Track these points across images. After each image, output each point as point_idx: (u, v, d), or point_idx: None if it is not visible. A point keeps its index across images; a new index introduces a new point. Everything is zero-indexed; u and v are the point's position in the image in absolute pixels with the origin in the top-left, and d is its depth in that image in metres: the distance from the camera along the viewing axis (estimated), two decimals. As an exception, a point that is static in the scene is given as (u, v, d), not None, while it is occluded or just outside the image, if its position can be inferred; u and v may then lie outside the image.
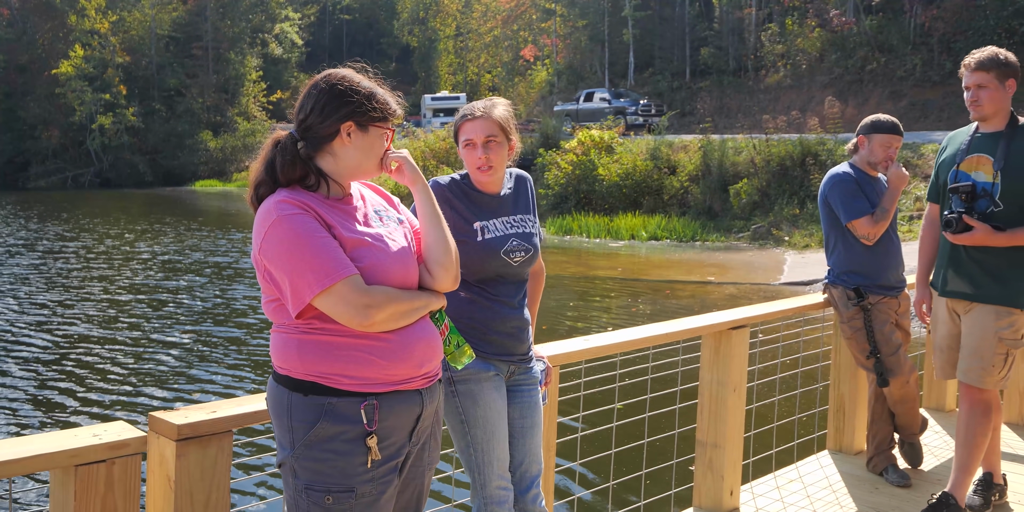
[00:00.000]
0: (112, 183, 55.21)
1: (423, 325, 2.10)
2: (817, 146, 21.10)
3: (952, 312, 3.59)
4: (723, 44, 40.16)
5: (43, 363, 9.69)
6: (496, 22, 58.80)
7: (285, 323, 2.02)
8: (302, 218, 1.95)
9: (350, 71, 2.12)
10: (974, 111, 3.44)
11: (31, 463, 1.86)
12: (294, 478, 1.99)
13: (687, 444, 3.89)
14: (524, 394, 2.70)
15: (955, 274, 3.52)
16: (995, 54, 3.38)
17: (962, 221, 3.34)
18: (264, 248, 1.97)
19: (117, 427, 2.05)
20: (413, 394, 2.07)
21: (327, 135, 2.05)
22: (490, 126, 2.58)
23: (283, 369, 2.03)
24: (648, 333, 3.39)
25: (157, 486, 2.10)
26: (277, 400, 2.03)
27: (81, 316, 12.46)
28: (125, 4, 60.53)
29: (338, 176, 2.09)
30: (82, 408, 8.01)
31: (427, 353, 2.09)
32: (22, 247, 21.31)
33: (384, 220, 2.16)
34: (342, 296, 1.92)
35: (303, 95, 2.09)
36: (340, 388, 1.98)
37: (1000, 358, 3.43)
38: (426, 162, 31.18)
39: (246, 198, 2.10)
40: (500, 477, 2.55)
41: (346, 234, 2.01)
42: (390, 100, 2.12)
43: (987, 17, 27.63)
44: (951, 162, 3.53)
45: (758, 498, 3.90)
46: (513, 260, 2.61)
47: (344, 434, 1.97)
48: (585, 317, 12.27)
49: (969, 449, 3.49)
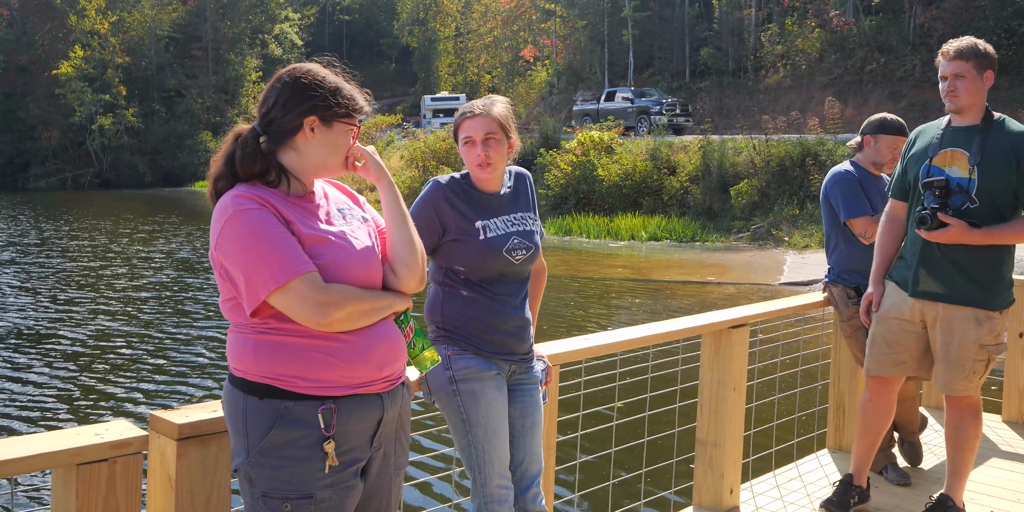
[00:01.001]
0: (112, 184, 55.22)
1: (385, 326, 2.03)
2: (817, 146, 21.12)
3: (919, 313, 3.40)
4: (723, 45, 40.16)
5: (44, 362, 9.69)
6: (496, 23, 58.80)
7: (242, 323, 1.95)
8: (259, 213, 1.89)
9: (316, 65, 2.04)
10: (950, 102, 3.28)
11: (33, 462, 1.86)
12: (250, 486, 1.93)
13: (687, 443, 3.90)
14: (525, 393, 2.70)
15: (928, 274, 3.34)
16: (974, 44, 3.23)
17: (937, 218, 3.18)
18: (220, 244, 1.90)
19: (119, 426, 2.05)
20: (373, 398, 2.00)
21: (290, 129, 1.98)
22: (489, 123, 2.59)
23: (239, 371, 1.96)
24: (648, 332, 3.39)
25: (158, 485, 2.10)
26: (232, 403, 1.96)
27: (82, 316, 12.47)
28: (125, 5, 60.56)
29: (300, 173, 2.02)
30: (84, 407, 8.02)
31: (388, 355, 2.02)
32: (23, 247, 21.31)
33: (348, 218, 2.08)
34: (298, 293, 1.85)
35: (267, 88, 2.02)
36: (297, 391, 1.91)
37: (981, 365, 3.32)
38: (426, 162, 31.21)
39: (206, 193, 2.03)
40: (501, 476, 2.56)
41: (305, 231, 1.94)
42: (357, 96, 2.04)
43: (986, 17, 27.65)
44: (922, 156, 3.36)
45: (758, 497, 3.91)
46: (515, 258, 2.62)
47: (301, 440, 1.90)
48: (585, 317, 12.27)
49: (962, 453, 3.44)
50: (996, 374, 6.57)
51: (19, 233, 25.03)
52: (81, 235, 24.75)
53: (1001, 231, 3.18)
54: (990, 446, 4.58)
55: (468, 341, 2.60)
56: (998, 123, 3.27)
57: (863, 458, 3.66)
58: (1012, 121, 3.30)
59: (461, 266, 2.59)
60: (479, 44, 61.11)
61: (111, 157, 56.41)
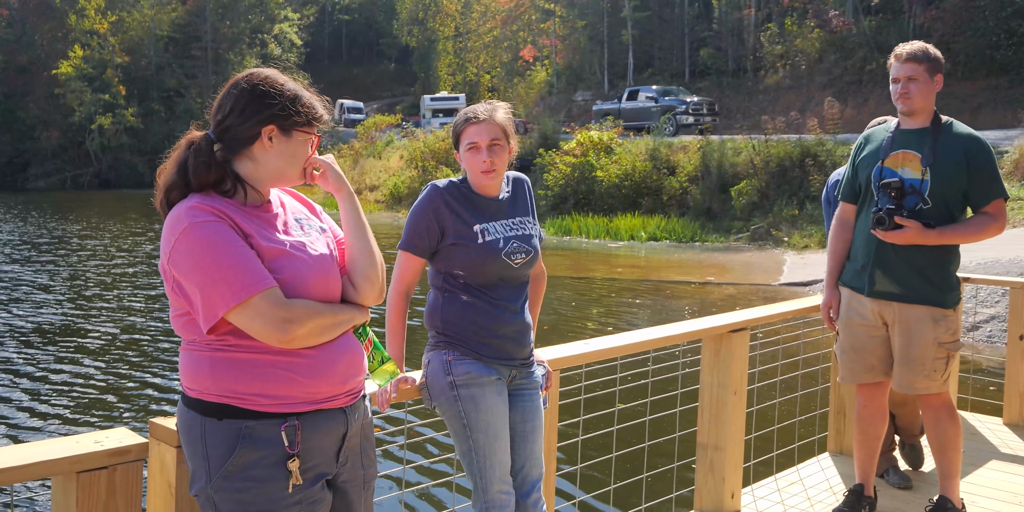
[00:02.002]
0: (111, 184, 55.18)
1: (346, 340, 1.98)
2: (816, 147, 21.13)
3: (878, 315, 3.44)
4: (722, 45, 40.17)
5: (44, 369, 9.67)
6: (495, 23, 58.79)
7: (196, 340, 1.89)
8: (216, 226, 1.81)
9: (275, 71, 1.99)
10: (903, 104, 3.33)
11: (33, 470, 1.86)
12: (214, 509, 1.88)
13: (688, 447, 3.89)
14: (525, 398, 2.70)
15: (883, 274, 3.39)
16: (925, 48, 3.33)
17: (893, 219, 3.23)
18: (173, 258, 1.82)
19: (119, 433, 2.05)
20: (337, 412, 1.97)
21: (246, 138, 1.91)
22: (494, 129, 2.59)
23: (193, 391, 1.89)
24: (648, 336, 3.39)
25: (158, 492, 2.10)
26: (188, 426, 1.89)
27: (82, 322, 12.45)
28: (124, 5, 60.52)
29: (257, 182, 1.95)
30: (84, 414, 8.00)
31: (351, 369, 1.98)
32: (23, 248, 21.29)
33: (305, 228, 2.02)
34: (259, 310, 1.79)
35: (223, 94, 1.95)
36: (258, 410, 1.85)
37: (941, 363, 3.36)
38: (425, 162, 31.20)
39: (155, 202, 1.94)
40: (502, 481, 2.56)
41: (264, 243, 1.87)
42: (316, 104, 1.98)
43: (986, 18, 27.65)
44: (873, 158, 3.40)
45: (759, 501, 3.90)
46: (514, 262, 2.61)
47: (264, 459, 1.85)
48: (585, 317, 12.27)
49: (946, 453, 3.48)
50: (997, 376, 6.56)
51: (20, 234, 25.01)
52: (83, 237, 24.74)
53: (954, 231, 3.28)
54: (991, 449, 4.58)
55: (468, 346, 2.60)
56: (947, 125, 3.35)
57: (867, 466, 3.67)
58: (959, 124, 3.38)
59: (460, 270, 2.59)
60: (478, 44, 61.10)
61: (110, 157, 56.36)
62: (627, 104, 30.60)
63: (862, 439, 3.64)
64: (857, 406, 3.65)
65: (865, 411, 3.62)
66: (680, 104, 28.47)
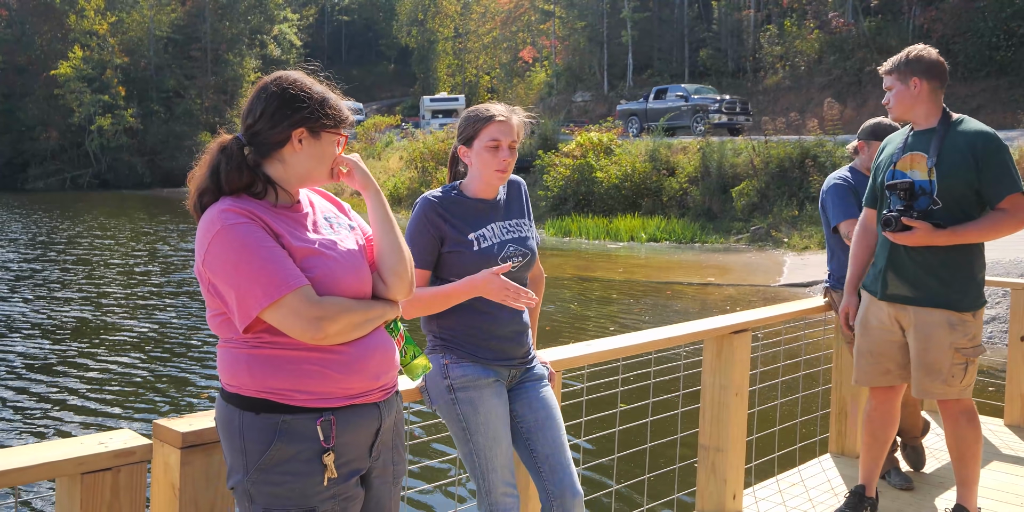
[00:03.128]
0: (111, 184, 55.18)
1: (378, 336, 2.02)
2: (816, 148, 21.14)
3: (894, 319, 3.42)
4: (722, 46, 40.21)
5: (48, 371, 9.66)
6: (495, 23, 58.83)
7: (233, 338, 1.92)
8: (248, 227, 1.85)
9: (302, 74, 2.01)
10: (889, 112, 3.44)
11: (37, 471, 1.86)
12: (250, 503, 1.90)
13: (690, 448, 3.90)
14: (529, 389, 2.69)
15: (896, 277, 3.37)
16: (901, 56, 3.37)
17: (900, 221, 3.21)
18: (208, 260, 1.86)
19: (123, 435, 2.04)
20: (371, 408, 2.00)
21: (277, 142, 1.94)
22: (516, 130, 2.60)
23: (232, 387, 1.93)
24: (650, 338, 3.39)
25: (162, 494, 2.10)
26: (227, 420, 1.93)
27: (86, 323, 12.45)
28: (124, 5, 60.55)
29: (287, 183, 1.98)
30: (88, 416, 7.99)
31: (383, 365, 2.01)
32: (24, 249, 21.29)
33: (335, 227, 2.06)
34: (292, 308, 1.82)
35: (252, 98, 1.97)
36: (294, 405, 1.89)
37: (959, 368, 3.30)
38: (425, 163, 31.20)
39: (188, 205, 1.98)
40: (506, 483, 2.55)
41: (295, 243, 1.91)
42: (342, 106, 2.02)
43: (985, 18, 27.67)
44: (888, 162, 3.43)
45: (761, 502, 3.90)
46: (511, 266, 2.61)
47: (301, 454, 1.89)
48: (586, 318, 12.27)
49: (965, 461, 3.42)
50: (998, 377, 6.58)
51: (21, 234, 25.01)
52: (84, 238, 24.74)
53: (966, 230, 3.20)
54: (992, 450, 4.58)
55: (465, 349, 2.60)
56: (956, 124, 3.32)
57: (871, 468, 3.65)
58: (971, 121, 3.34)
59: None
60: (478, 45, 61.15)
61: (110, 158, 56.37)
62: (654, 103, 29.06)
63: (870, 442, 3.61)
64: (867, 408, 3.62)
65: (875, 413, 3.58)
66: (712, 102, 27.05)
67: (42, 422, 7.80)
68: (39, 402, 8.39)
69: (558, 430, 2.66)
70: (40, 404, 8.32)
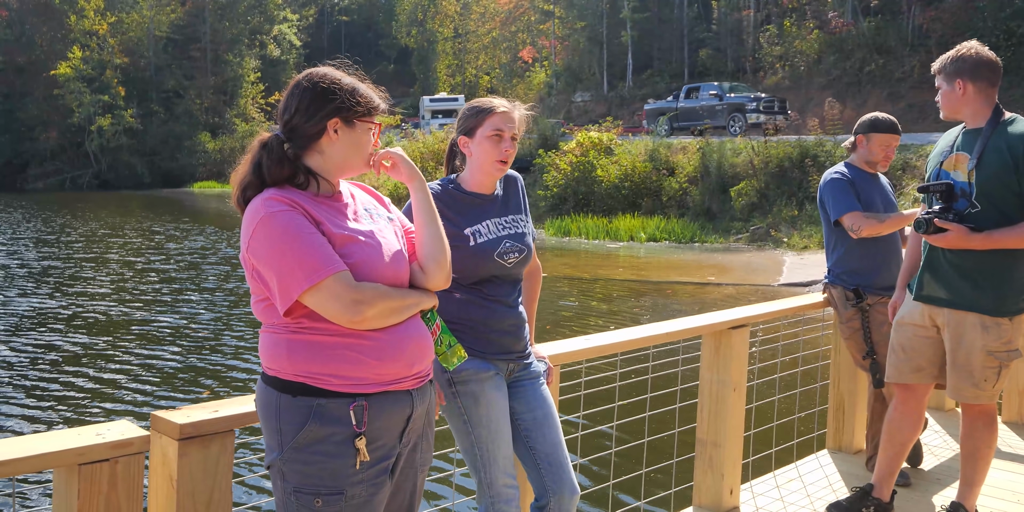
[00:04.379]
0: (110, 185, 55.21)
1: (414, 324, 2.08)
2: (816, 147, 21.16)
3: (929, 318, 3.40)
4: (722, 46, 40.22)
5: (46, 362, 9.69)
6: (494, 24, 58.87)
7: (274, 323, 1.99)
8: (290, 214, 1.93)
9: (330, 68, 2.12)
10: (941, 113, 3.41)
11: (35, 462, 1.87)
12: (283, 481, 1.97)
13: (687, 443, 3.90)
14: (527, 388, 2.69)
15: (931, 278, 3.35)
16: (949, 54, 3.33)
17: (933, 223, 3.19)
18: (252, 246, 1.94)
19: (120, 426, 2.05)
20: (403, 395, 2.05)
21: (314, 134, 2.03)
22: (518, 122, 2.61)
23: (272, 370, 2.00)
24: (648, 332, 3.39)
25: (159, 485, 2.10)
26: (266, 401, 2.00)
27: (84, 315, 12.46)
28: (123, 5, 60.59)
29: (327, 173, 2.06)
30: (85, 407, 8.01)
31: (418, 353, 2.06)
32: (23, 247, 21.30)
33: (375, 218, 2.14)
34: (332, 292, 1.89)
35: (286, 95, 2.08)
36: (329, 389, 1.95)
37: (992, 372, 3.26)
38: (425, 163, 31.19)
39: (232, 200, 2.07)
40: (506, 475, 2.55)
41: (335, 230, 1.98)
42: (373, 94, 2.11)
43: (985, 18, 27.69)
44: (936, 162, 3.40)
45: (758, 497, 3.91)
46: (507, 262, 2.61)
47: (333, 436, 1.94)
48: (586, 317, 12.28)
49: (974, 463, 3.40)
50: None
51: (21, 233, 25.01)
52: (85, 234, 24.74)
53: (1003, 235, 3.13)
54: (990, 447, 4.58)
55: (464, 343, 2.59)
56: (1003, 125, 3.23)
57: (886, 470, 3.57)
58: (1022, 122, 3.24)
59: (453, 273, 2.59)
60: (478, 45, 61.19)
61: (109, 158, 56.41)
62: (686, 102, 27.86)
63: (888, 441, 3.53)
64: (890, 407, 3.56)
65: (896, 413, 3.52)
66: (749, 101, 25.84)
67: (38, 414, 7.81)
68: (38, 393, 8.40)
69: (556, 428, 2.68)
70: (35, 396, 8.33)
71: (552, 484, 2.58)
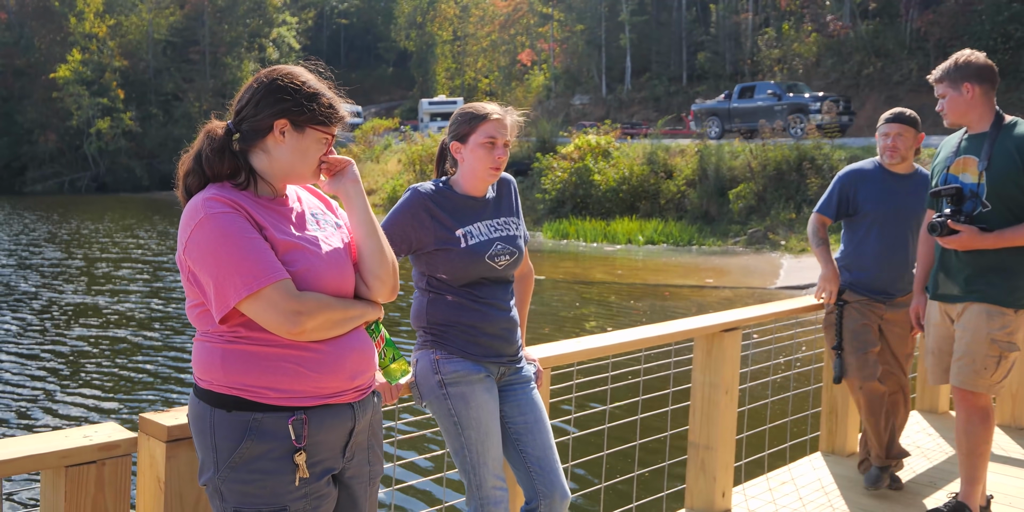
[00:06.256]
0: (109, 187, 55.19)
1: (357, 335, 1.99)
2: (814, 151, 21.18)
3: (945, 315, 3.53)
4: (720, 49, 40.27)
5: (34, 364, 9.68)
6: (493, 27, 58.92)
7: (209, 331, 1.89)
8: (231, 217, 1.83)
9: (300, 68, 2.00)
10: (944, 119, 3.48)
11: (22, 464, 1.86)
12: (221, 501, 1.88)
13: (679, 446, 3.90)
14: (519, 392, 2.69)
15: (946, 277, 3.48)
16: (949, 63, 3.41)
17: (947, 225, 3.32)
18: (189, 248, 1.83)
19: (108, 428, 2.05)
20: (344, 408, 1.96)
21: (260, 130, 1.93)
22: (512, 129, 2.62)
23: (204, 382, 1.90)
24: (640, 335, 3.39)
25: (147, 487, 2.10)
26: (199, 416, 1.90)
27: (73, 318, 12.45)
28: (123, 8, 60.61)
29: (271, 177, 1.96)
30: (73, 409, 8.01)
31: (360, 365, 1.97)
32: (20, 249, 21.29)
33: (321, 223, 2.03)
34: (271, 301, 1.80)
35: (244, 86, 1.99)
36: (266, 402, 1.86)
37: (992, 361, 3.33)
38: (423, 166, 31.21)
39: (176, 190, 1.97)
40: (496, 477, 2.55)
41: (279, 236, 1.89)
42: (336, 105, 1.97)
43: (983, 22, 27.74)
44: (942, 166, 3.52)
45: (750, 500, 3.91)
46: (498, 264, 2.61)
47: (271, 452, 1.86)
48: (583, 320, 12.28)
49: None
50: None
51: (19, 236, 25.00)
52: (80, 239, 24.72)
53: (1013, 233, 3.27)
54: (983, 449, 4.58)
55: (455, 345, 2.60)
56: (1007, 127, 3.37)
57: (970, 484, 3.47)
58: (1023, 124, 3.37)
59: (444, 274, 2.58)
60: (476, 48, 61.23)
61: (108, 161, 56.40)
62: (740, 103, 26.07)
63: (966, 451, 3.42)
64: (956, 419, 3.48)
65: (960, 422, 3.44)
66: (812, 101, 24.13)
67: (25, 415, 7.81)
68: (22, 396, 8.40)
69: (547, 433, 2.68)
70: (23, 398, 8.33)
71: (543, 488, 2.58)
